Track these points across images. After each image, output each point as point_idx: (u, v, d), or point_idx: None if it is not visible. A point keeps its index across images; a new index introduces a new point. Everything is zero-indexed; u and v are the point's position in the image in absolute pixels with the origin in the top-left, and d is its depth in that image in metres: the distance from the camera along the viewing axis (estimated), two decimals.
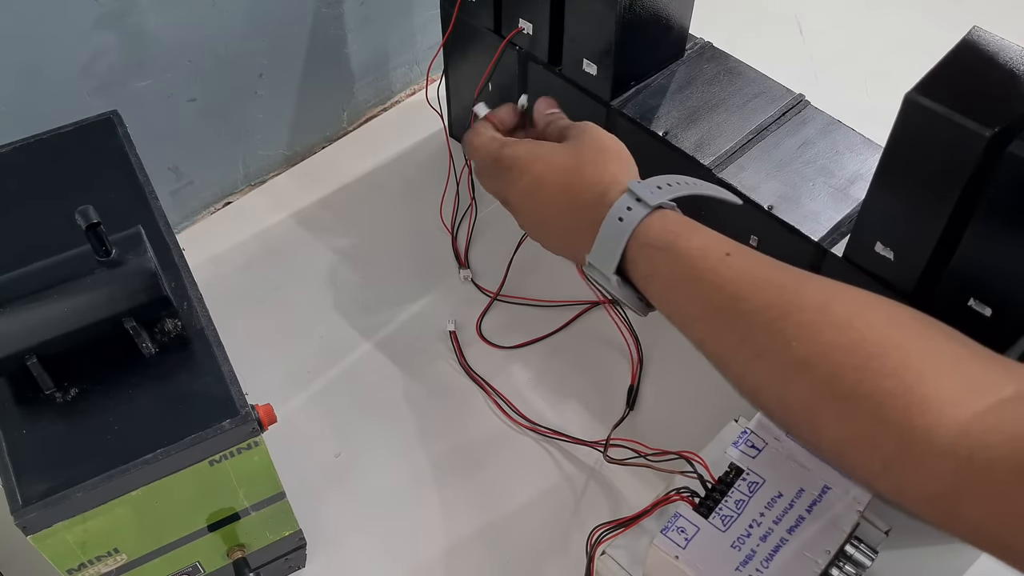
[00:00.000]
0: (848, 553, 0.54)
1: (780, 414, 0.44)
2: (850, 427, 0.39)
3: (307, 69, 0.80)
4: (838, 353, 0.40)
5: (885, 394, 0.38)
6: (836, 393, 0.40)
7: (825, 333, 0.41)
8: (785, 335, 0.42)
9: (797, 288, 0.44)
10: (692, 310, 0.47)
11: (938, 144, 0.47)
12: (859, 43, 0.95)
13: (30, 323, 0.45)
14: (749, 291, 0.44)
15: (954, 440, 0.36)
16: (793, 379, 0.41)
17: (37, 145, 0.58)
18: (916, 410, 0.37)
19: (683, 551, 0.52)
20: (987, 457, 0.35)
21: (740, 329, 0.44)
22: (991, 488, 0.35)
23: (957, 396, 0.37)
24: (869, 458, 0.39)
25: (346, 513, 0.63)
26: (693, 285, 0.47)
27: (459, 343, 0.70)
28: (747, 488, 0.55)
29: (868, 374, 0.39)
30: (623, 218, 0.49)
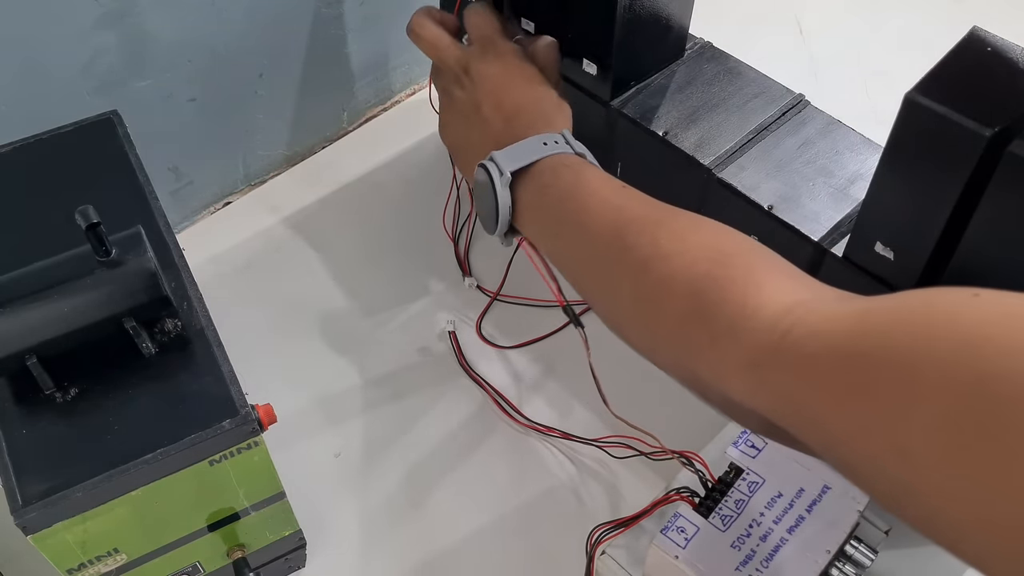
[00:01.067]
0: (848, 553, 0.54)
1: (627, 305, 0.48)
2: (692, 304, 0.44)
3: (307, 69, 0.80)
4: (698, 250, 0.45)
5: (729, 279, 0.43)
6: (687, 276, 0.44)
7: (691, 236, 0.47)
8: (655, 236, 0.47)
9: (674, 210, 0.50)
10: (574, 219, 0.52)
11: (938, 144, 0.47)
12: (859, 43, 0.95)
13: (30, 323, 0.45)
14: (634, 205, 0.50)
15: (777, 317, 0.39)
16: (652, 268, 0.46)
17: (37, 145, 0.58)
18: (752, 291, 0.42)
19: (683, 551, 0.52)
20: (801, 333, 0.38)
21: (614, 230, 0.49)
22: (799, 358, 0.38)
23: (789, 287, 0.42)
24: (701, 334, 0.43)
25: (346, 513, 0.63)
26: (586, 197, 0.52)
27: (459, 343, 0.70)
28: (747, 488, 0.55)
29: (718, 265, 0.44)
30: (547, 144, 0.55)
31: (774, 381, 0.39)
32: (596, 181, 0.53)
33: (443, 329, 0.72)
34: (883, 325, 0.35)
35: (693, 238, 0.46)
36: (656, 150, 0.64)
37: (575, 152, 0.55)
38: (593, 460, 0.65)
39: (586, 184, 0.53)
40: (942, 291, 0.35)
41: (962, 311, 0.33)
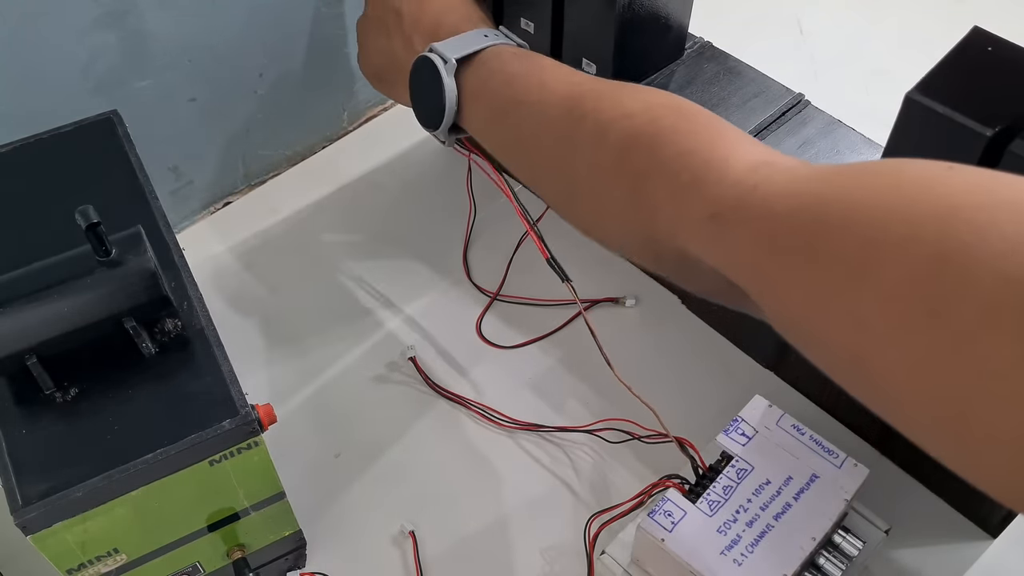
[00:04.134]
0: (835, 542, 0.55)
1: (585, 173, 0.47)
2: (655, 158, 0.42)
3: (307, 69, 0.80)
4: (661, 108, 0.44)
5: (694, 133, 0.42)
6: (651, 130, 0.43)
7: (654, 97, 0.45)
8: (614, 99, 0.46)
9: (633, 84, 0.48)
10: (525, 97, 0.51)
11: (938, 144, 0.47)
12: (859, 43, 0.95)
13: (30, 323, 0.45)
14: (589, 80, 0.49)
15: (745, 173, 0.38)
16: (613, 129, 0.45)
17: (37, 145, 0.58)
18: (719, 143, 0.40)
19: (669, 534, 0.53)
20: (768, 191, 0.37)
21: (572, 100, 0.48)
22: (764, 213, 0.36)
23: (754, 147, 0.41)
24: (662, 187, 0.42)
25: (346, 513, 0.63)
26: (540, 73, 0.51)
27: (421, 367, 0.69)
28: (735, 474, 0.56)
29: (683, 119, 0.43)
30: (488, 36, 0.55)
31: (735, 235, 0.38)
32: (547, 61, 0.52)
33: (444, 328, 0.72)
34: (849, 189, 0.34)
35: (656, 98, 0.45)
36: None
37: (517, 44, 0.55)
38: (587, 451, 0.65)
39: (538, 64, 0.52)
40: (916, 161, 0.34)
41: (933, 182, 0.32)
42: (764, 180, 0.37)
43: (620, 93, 0.47)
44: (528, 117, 0.51)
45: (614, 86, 0.48)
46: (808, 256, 0.34)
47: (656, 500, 0.56)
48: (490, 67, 0.53)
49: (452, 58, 0.53)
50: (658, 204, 0.42)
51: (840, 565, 0.54)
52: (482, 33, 0.55)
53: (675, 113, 0.43)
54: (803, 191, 0.36)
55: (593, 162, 0.46)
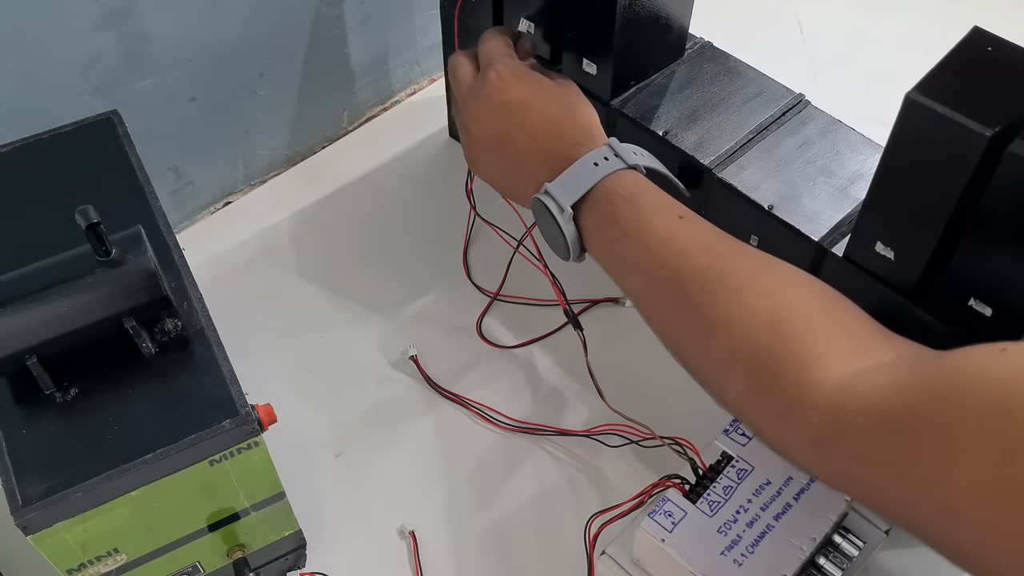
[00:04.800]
0: (835, 543, 0.55)
1: (697, 367, 0.49)
2: (753, 381, 0.44)
3: (307, 69, 0.80)
4: (755, 317, 0.45)
5: (786, 353, 0.43)
6: (748, 351, 0.45)
7: (749, 298, 0.46)
8: (715, 296, 0.47)
9: (734, 257, 0.49)
10: (635, 261, 0.51)
11: (938, 144, 0.47)
12: (859, 43, 0.95)
13: (30, 323, 0.45)
14: (693, 252, 0.49)
15: (833, 393, 0.41)
16: (714, 336, 0.47)
17: (37, 145, 0.58)
18: (808, 367, 0.42)
19: (669, 535, 0.53)
20: (854, 407, 0.39)
21: (677, 285, 0.49)
22: (854, 433, 0.39)
23: (843, 358, 0.42)
24: (765, 410, 0.44)
25: (346, 513, 0.63)
26: (645, 237, 0.51)
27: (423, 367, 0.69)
28: (736, 475, 0.56)
29: (776, 337, 0.44)
30: (598, 163, 0.54)
31: (835, 456, 0.41)
32: (653, 217, 0.51)
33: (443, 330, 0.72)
34: (921, 392, 0.37)
35: (750, 299, 0.46)
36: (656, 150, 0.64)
37: (628, 165, 0.54)
38: (587, 452, 0.65)
39: (644, 223, 0.51)
40: (973, 350, 0.36)
41: (989, 369, 0.34)
42: (851, 398, 0.40)
43: (719, 289, 0.47)
44: (640, 284, 0.52)
45: (718, 271, 0.48)
46: (899, 464, 0.37)
47: (656, 500, 0.56)
48: (602, 213, 0.53)
49: (567, 206, 0.53)
50: (764, 422, 0.45)
51: (840, 565, 0.54)
52: (592, 161, 0.54)
53: (770, 329, 0.45)
54: (885, 403, 0.38)
55: (701, 361, 0.48)
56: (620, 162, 0.54)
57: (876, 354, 0.42)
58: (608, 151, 0.54)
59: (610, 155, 0.54)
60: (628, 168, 0.54)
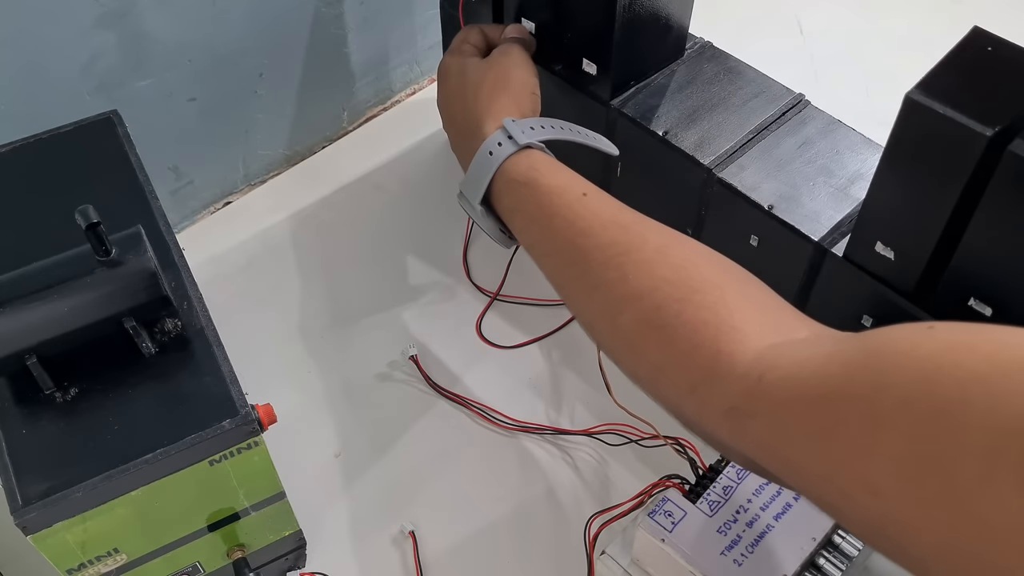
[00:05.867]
0: (835, 542, 0.55)
1: (609, 343, 0.48)
2: (667, 352, 0.44)
3: (307, 69, 0.80)
4: (667, 287, 0.44)
5: (701, 323, 0.42)
6: (660, 322, 0.44)
7: (659, 270, 0.45)
8: (623, 270, 0.46)
9: (641, 231, 0.48)
10: (545, 244, 0.51)
11: (938, 144, 0.47)
12: (859, 43, 0.95)
13: (30, 323, 0.45)
14: (597, 229, 0.48)
15: (750, 364, 0.40)
16: (624, 309, 0.46)
17: (37, 145, 0.58)
18: (725, 338, 0.41)
19: (669, 534, 0.53)
20: (773, 377, 0.38)
21: (583, 262, 0.48)
22: (772, 404, 0.38)
23: (760, 330, 0.42)
24: (680, 381, 0.43)
25: (346, 513, 0.63)
26: (549, 221, 0.50)
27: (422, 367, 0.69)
28: (736, 475, 0.56)
29: (689, 306, 0.43)
30: (493, 152, 0.53)
31: (751, 427, 0.40)
32: (554, 199, 0.51)
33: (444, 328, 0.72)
34: (845, 365, 0.36)
35: (660, 271, 0.46)
36: (656, 150, 0.64)
37: (519, 146, 0.53)
38: (587, 452, 0.65)
39: (546, 206, 0.51)
40: (900, 328, 0.36)
41: (917, 345, 0.34)
42: (769, 368, 0.39)
43: (626, 262, 0.46)
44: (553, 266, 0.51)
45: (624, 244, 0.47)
46: (817, 436, 0.36)
47: (656, 500, 0.56)
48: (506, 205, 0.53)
49: (477, 206, 0.54)
50: (679, 394, 0.44)
51: (840, 565, 0.54)
52: (486, 151, 0.54)
53: (682, 298, 0.44)
54: (806, 375, 0.37)
55: (614, 337, 0.47)
56: (513, 144, 0.53)
57: (792, 331, 0.42)
58: (501, 135, 0.54)
59: (503, 139, 0.54)
60: (523, 149, 0.53)
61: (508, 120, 0.54)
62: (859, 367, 0.35)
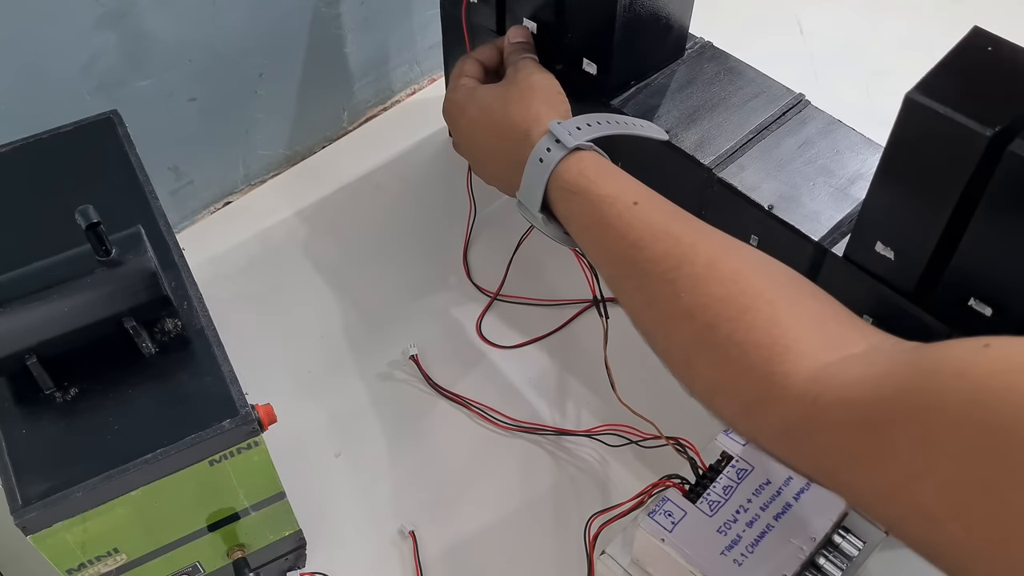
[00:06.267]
0: (835, 543, 0.55)
1: (665, 357, 0.47)
2: (720, 372, 0.43)
3: (307, 69, 0.80)
4: (718, 306, 0.44)
5: (753, 344, 0.42)
6: (712, 341, 0.43)
7: (710, 287, 0.45)
8: (675, 286, 0.46)
9: (691, 241, 0.47)
10: (599, 254, 0.51)
11: (938, 144, 0.47)
12: (859, 43, 0.95)
13: (30, 323, 0.45)
14: (649, 241, 0.48)
15: (805, 386, 0.39)
16: (678, 327, 0.45)
17: (37, 145, 0.58)
18: (777, 359, 0.41)
19: (669, 534, 0.53)
20: (831, 399, 0.38)
21: (636, 276, 0.48)
22: (827, 425, 0.38)
23: (814, 349, 0.41)
24: (733, 401, 0.43)
25: (346, 513, 0.63)
26: (600, 231, 0.50)
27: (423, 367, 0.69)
28: (736, 475, 0.56)
29: (741, 325, 0.43)
30: (543, 159, 0.53)
31: (806, 448, 0.40)
32: (606, 208, 0.50)
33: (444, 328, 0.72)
34: (899, 387, 0.35)
35: (712, 288, 0.45)
36: (656, 150, 0.64)
37: (568, 149, 0.53)
38: (587, 452, 0.65)
39: (598, 216, 0.50)
40: (954, 345, 0.35)
41: (971, 365, 0.33)
42: (824, 391, 0.39)
43: (678, 278, 0.46)
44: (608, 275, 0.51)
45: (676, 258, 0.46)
46: (872, 458, 0.36)
47: (656, 500, 0.56)
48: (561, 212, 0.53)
49: (537, 214, 0.53)
50: (733, 415, 0.44)
51: (840, 565, 0.54)
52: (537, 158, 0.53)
53: (732, 317, 0.43)
54: (859, 395, 0.37)
55: (670, 352, 0.47)
56: (561, 148, 0.53)
57: (848, 344, 0.41)
58: (549, 140, 0.53)
59: (551, 144, 0.53)
60: (572, 152, 0.53)
61: (553, 123, 0.54)
62: (912, 388, 0.35)
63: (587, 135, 0.54)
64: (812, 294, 0.45)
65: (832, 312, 0.44)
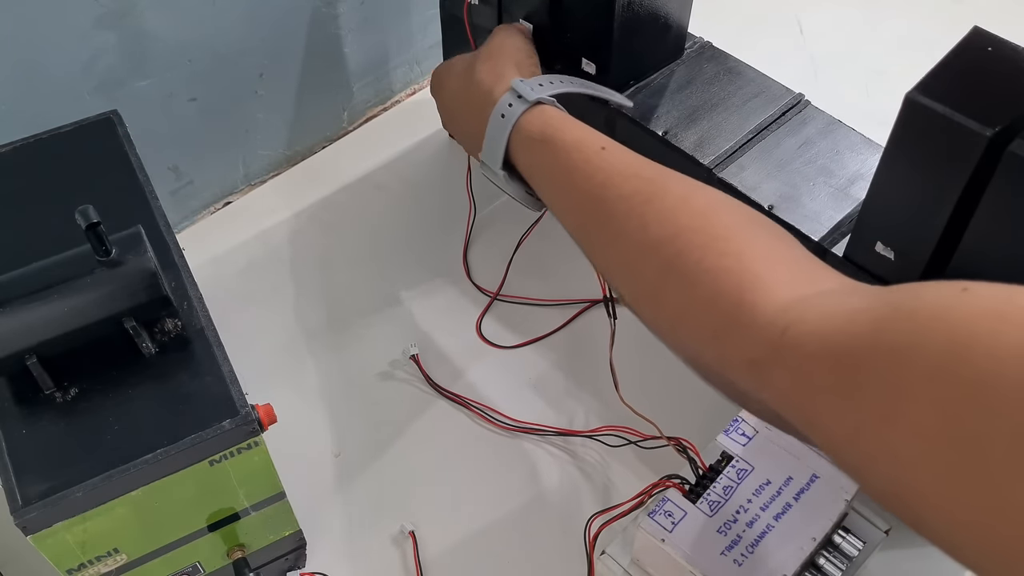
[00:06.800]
0: (835, 542, 0.55)
1: (630, 293, 0.47)
2: (688, 299, 0.43)
3: (307, 69, 0.80)
4: (688, 234, 0.44)
5: (723, 270, 0.41)
6: (681, 268, 0.43)
7: (680, 218, 0.44)
8: (644, 219, 0.45)
9: (663, 181, 0.47)
10: (566, 199, 0.50)
11: (938, 144, 0.47)
12: (859, 43, 0.95)
13: (30, 323, 0.45)
14: (618, 180, 0.48)
15: (775, 315, 0.39)
16: (645, 258, 0.45)
17: (37, 145, 0.58)
18: (748, 286, 0.40)
19: (669, 534, 0.53)
20: (799, 331, 0.37)
21: (604, 214, 0.48)
22: (798, 357, 0.37)
23: (786, 280, 0.40)
24: (701, 327, 0.42)
25: (346, 513, 0.63)
26: (568, 176, 0.50)
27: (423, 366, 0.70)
28: (736, 475, 0.56)
29: (711, 252, 0.42)
30: (505, 114, 0.53)
31: (775, 378, 0.38)
32: (572, 154, 0.50)
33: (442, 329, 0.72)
34: (874, 323, 0.34)
35: (682, 219, 0.45)
36: (656, 150, 0.64)
37: (530, 103, 0.53)
38: (587, 452, 0.65)
39: (564, 161, 0.51)
40: (931, 286, 0.34)
41: (950, 308, 0.32)
42: (795, 320, 0.38)
43: (647, 211, 0.46)
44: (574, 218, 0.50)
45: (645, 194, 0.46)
46: (842, 394, 0.35)
47: (656, 500, 0.56)
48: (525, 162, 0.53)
49: (499, 170, 0.53)
50: (702, 341, 0.43)
51: (840, 565, 0.54)
52: (499, 114, 0.54)
53: (704, 245, 0.43)
54: (833, 330, 0.36)
55: (635, 285, 0.47)
56: (523, 103, 0.53)
57: (821, 281, 0.41)
58: (511, 96, 0.54)
59: (513, 99, 0.53)
60: (534, 105, 0.53)
61: (516, 80, 0.54)
62: (888, 327, 0.33)
63: (549, 91, 0.54)
64: (785, 237, 0.45)
65: (804, 254, 0.44)
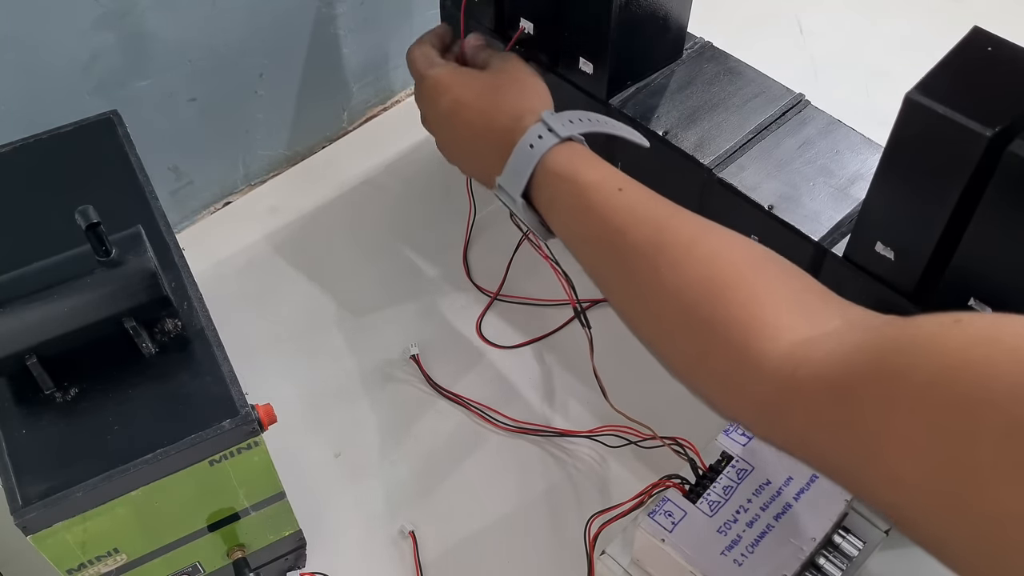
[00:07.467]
0: (835, 543, 0.55)
1: (644, 336, 0.49)
2: (700, 349, 0.44)
3: (307, 69, 0.80)
4: (698, 285, 0.45)
5: (732, 321, 0.43)
6: (692, 320, 0.45)
7: (689, 269, 0.46)
8: (657, 269, 0.47)
9: (671, 226, 0.48)
10: (583, 238, 0.52)
11: (938, 144, 0.47)
12: (859, 43, 0.95)
13: (30, 323, 0.45)
14: (631, 225, 0.49)
15: (782, 360, 0.40)
16: (658, 306, 0.47)
17: (37, 145, 0.58)
18: (755, 335, 0.42)
19: (669, 534, 0.53)
20: (806, 373, 0.39)
21: (619, 259, 0.49)
22: (807, 399, 0.39)
23: (792, 324, 0.42)
24: (712, 377, 0.44)
25: (346, 513, 0.63)
26: (585, 215, 0.51)
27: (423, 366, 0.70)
28: (736, 475, 0.56)
29: (720, 303, 0.44)
30: (534, 145, 0.53)
31: (783, 421, 0.40)
32: (592, 193, 0.51)
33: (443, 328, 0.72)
34: (870, 356, 0.36)
35: (691, 270, 0.46)
36: (656, 150, 0.64)
37: (561, 138, 0.54)
38: (587, 452, 0.65)
39: (584, 200, 0.51)
40: (927, 319, 0.36)
41: (943, 338, 0.34)
42: (802, 363, 0.39)
43: (660, 259, 0.47)
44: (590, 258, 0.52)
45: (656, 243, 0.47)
46: (844, 430, 0.37)
47: (656, 500, 0.56)
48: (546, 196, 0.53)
49: (518, 198, 0.54)
50: (712, 390, 0.45)
51: (840, 565, 0.54)
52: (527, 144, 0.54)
53: (712, 296, 0.44)
54: (835, 368, 0.38)
55: (650, 329, 0.48)
56: (554, 137, 0.54)
57: (823, 320, 0.42)
58: (541, 127, 0.54)
59: (544, 131, 0.54)
60: (564, 141, 0.54)
61: (547, 113, 0.55)
62: (882, 359, 0.35)
63: (579, 128, 0.55)
64: (788, 272, 0.46)
65: (808, 290, 0.45)
